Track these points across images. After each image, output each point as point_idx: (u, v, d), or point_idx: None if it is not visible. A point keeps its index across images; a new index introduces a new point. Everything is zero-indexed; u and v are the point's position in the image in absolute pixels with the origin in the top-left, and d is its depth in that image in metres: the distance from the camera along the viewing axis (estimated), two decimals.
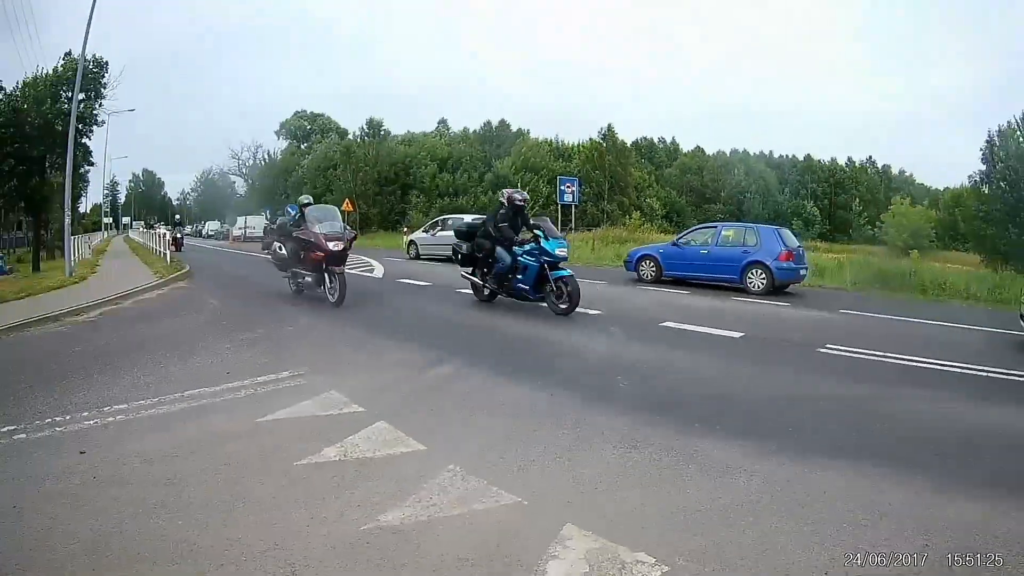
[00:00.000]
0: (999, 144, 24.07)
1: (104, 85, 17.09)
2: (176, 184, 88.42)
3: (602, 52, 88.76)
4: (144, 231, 36.92)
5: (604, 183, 43.10)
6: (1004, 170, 22.86)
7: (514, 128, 50.25)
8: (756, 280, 10.81)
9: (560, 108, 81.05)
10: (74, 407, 3.84)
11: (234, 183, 61.87)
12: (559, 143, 48.44)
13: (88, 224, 44.95)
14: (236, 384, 4.36)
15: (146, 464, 3.00)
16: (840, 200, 49.11)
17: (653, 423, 3.60)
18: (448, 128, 52.20)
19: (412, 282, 11.28)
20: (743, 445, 3.28)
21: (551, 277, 7.41)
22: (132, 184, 67.44)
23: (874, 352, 5.58)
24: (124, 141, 79.17)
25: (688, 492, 2.75)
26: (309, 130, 54.89)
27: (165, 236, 17.77)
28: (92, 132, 17.65)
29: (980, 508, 2.59)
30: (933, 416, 3.95)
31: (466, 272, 8.60)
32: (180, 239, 24.92)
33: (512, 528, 2.41)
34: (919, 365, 5.31)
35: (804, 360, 5.42)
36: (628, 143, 48.93)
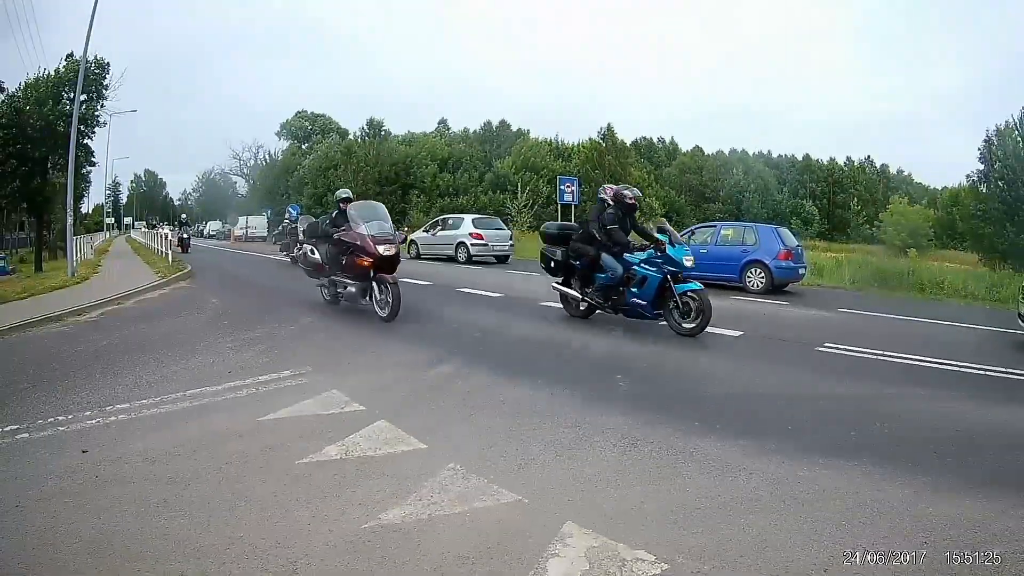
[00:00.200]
0: (997, 144, 24.02)
1: (106, 86, 17.20)
2: (177, 184, 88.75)
3: (602, 52, 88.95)
4: (147, 231, 36.56)
5: (604, 183, 43.03)
6: (1002, 169, 22.84)
7: (514, 128, 50.31)
8: (755, 279, 10.84)
9: (560, 108, 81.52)
10: (76, 406, 3.86)
11: (235, 183, 62.16)
12: (559, 143, 48.46)
13: (90, 224, 45.04)
14: (238, 383, 4.37)
15: (148, 463, 3.02)
16: (839, 199, 49.07)
17: (652, 422, 3.61)
18: (448, 128, 52.29)
19: (413, 281, 11.26)
20: (742, 443, 3.29)
21: (676, 291, 6.26)
22: (134, 184, 67.83)
23: (873, 351, 5.59)
24: (126, 142, 79.47)
25: (688, 490, 2.77)
26: (310, 130, 54.96)
27: (167, 237, 17.69)
28: (94, 133, 17.80)
29: (979, 506, 2.59)
30: (932, 415, 3.96)
31: (557, 283, 7.39)
32: (187, 240, 23.40)
33: (512, 526, 2.42)
34: (918, 364, 5.32)
35: (803, 359, 5.43)
36: (628, 143, 48.90)
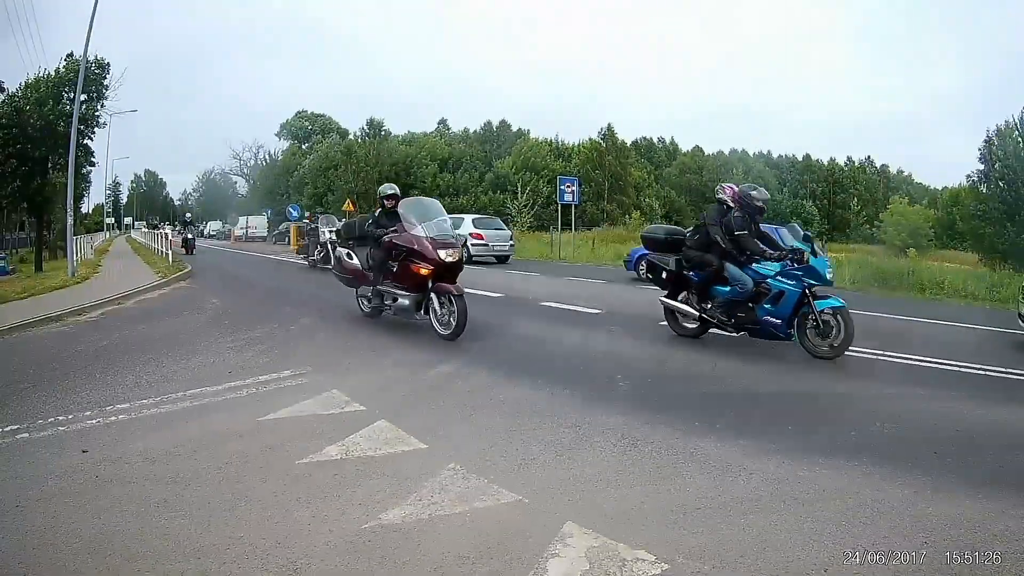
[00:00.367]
0: (997, 144, 24.06)
1: (106, 86, 17.19)
2: (178, 184, 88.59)
3: (602, 52, 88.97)
4: (147, 231, 36.20)
5: (604, 183, 43.13)
6: (1002, 169, 22.88)
7: (514, 128, 50.46)
8: None
9: (560, 108, 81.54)
10: (76, 406, 3.86)
11: (235, 183, 62.17)
12: (559, 143, 48.57)
13: (90, 224, 44.98)
14: (238, 383, 4.37)
15: (148, 463, 3.02)
16: (839, 199, 49.17)
17: (652, 422, 3.61)
18: (448, 128, 52.42)
19: None
20: (742, 443, 3.29)
21: (816, 308, 5.34)
22: (134, 184, 67.79)
23: (873, 351, 5.58)
24: (126, 142, 79.53)
25: (688, 490, 2.76)
26: (310, 130, 55.05)
27: (167, 237, 17.57)
28: (94, 133, 17.79)
29: (979, 506, 2.59)
30: (932, 415, 3.95)
31: (665, 298, 6.27)
32: (192, 240, 21.85)
33: (513, 526, 2.42)
34: (918, 364, 5.31)
35: (803, 359, 5.42)
36: (628, 143, 48.97)
